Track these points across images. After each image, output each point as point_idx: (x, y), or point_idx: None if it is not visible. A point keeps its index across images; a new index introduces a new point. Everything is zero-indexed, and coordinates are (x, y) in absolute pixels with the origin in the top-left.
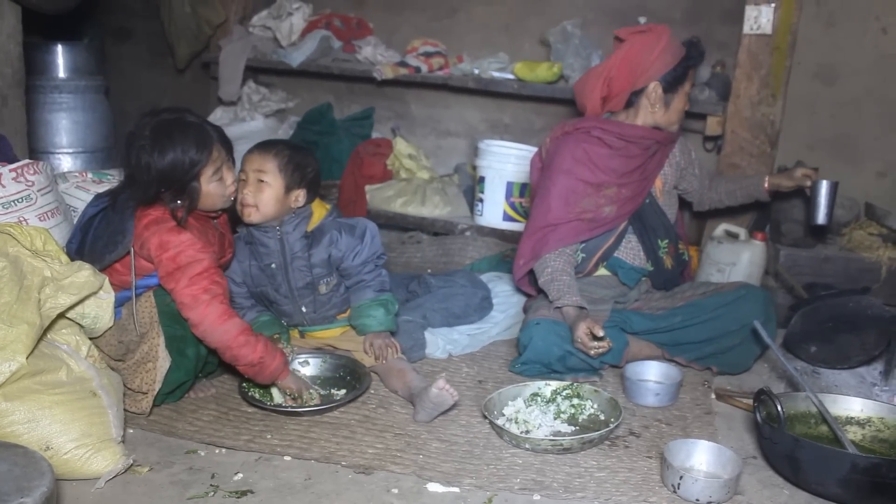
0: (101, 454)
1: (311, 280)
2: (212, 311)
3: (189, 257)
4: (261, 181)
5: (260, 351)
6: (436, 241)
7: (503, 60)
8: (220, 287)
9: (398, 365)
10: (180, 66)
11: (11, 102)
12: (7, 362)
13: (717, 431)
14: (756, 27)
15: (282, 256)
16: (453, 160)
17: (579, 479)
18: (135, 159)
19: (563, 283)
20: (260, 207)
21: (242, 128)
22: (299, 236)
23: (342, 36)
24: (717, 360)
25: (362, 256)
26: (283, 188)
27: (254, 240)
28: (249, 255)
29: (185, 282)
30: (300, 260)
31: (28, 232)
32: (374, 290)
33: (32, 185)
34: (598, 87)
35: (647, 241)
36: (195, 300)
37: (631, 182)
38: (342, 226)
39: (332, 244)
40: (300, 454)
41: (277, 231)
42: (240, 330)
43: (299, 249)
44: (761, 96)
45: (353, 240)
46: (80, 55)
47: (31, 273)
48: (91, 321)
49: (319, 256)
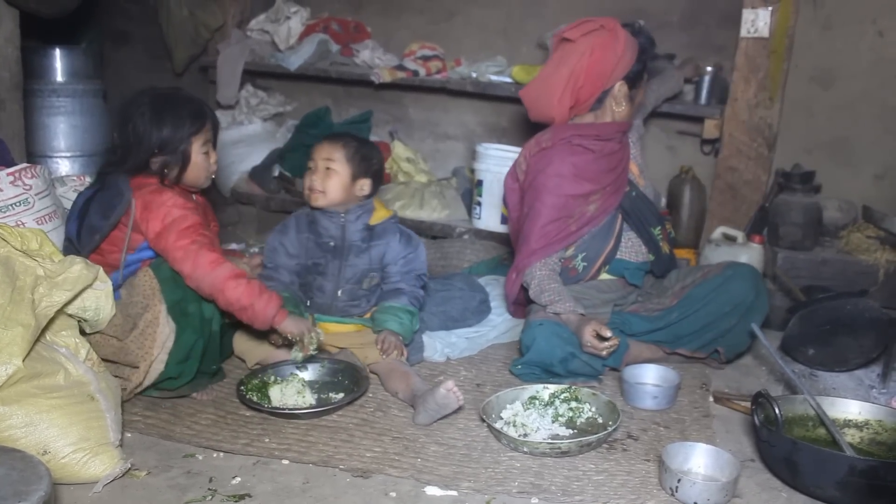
0: (98, 458)
1: (359, 271)
2: (202, 259)
3: (175, 215)
4: (329, 168)
5: (252, 294)
6: (434, 245)
7: (501, 64)
8: (207, 238)
9: (401, 367)
10: (178, 70)
11: (9, 106)
12: (3, 365)
13: (715, 434)
14: (753, 30)
15: (341, 241)
16: (451, 163)
17: (577, 483)
18: (132, 126)
19: (552, 290)
20: (327, 193)
21: (240, 131)
22: (360, 227)
23: (340, 40)
24: (718, 343)
25: (410, 266)
26: (350, 176)
27: (316, 220)
28: (308, 229)
29: (174, 236)
30: (357, 248)
31: (20, 233)
32: (409, 299)
33: (30, 189)
34: (566, 96)
35: (644, 233)
36: (186, 252)
37: (614, 179)
38: (402, 232)
39: (388, 244)
40: (298, 458)
41: (342, 217)
42: (231, 273)
43: (358, 239)
44: (759, 99)
45: (408, 248)
46: (78, 59)
47: (24, 273)
48: (93, 314)
49: (376, 251)
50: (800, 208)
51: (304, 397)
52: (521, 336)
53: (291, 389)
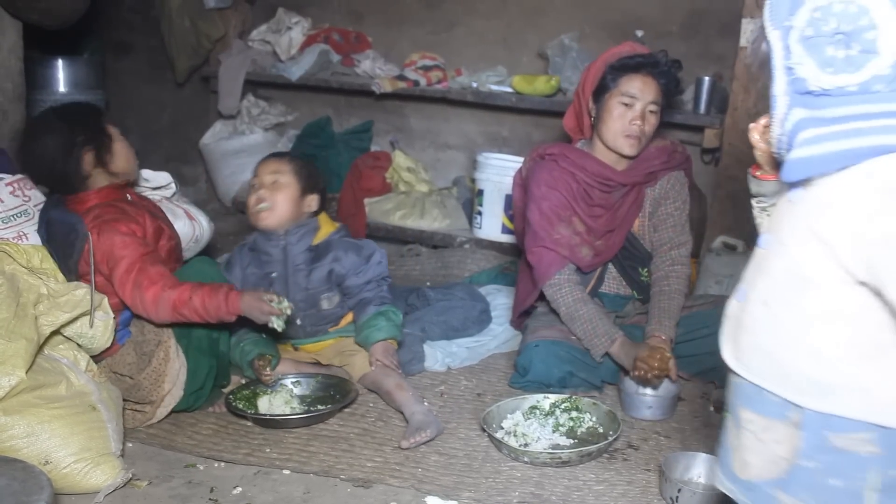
0: (100, 468)
1: (310, 294)
2: (145, 300)
3: (116, 256)
4: (276, 182)
5: (203, 310)
6: (434, 254)
7: (501, 74)
8: (145, 275)
9: (388, 382)
10: (180, 80)
11: (12, 117)
12: (7, 377)
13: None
14: (752, 40)
15: (283, 267)
16: (452, 173)
17: (577, 493)
18: (48, 145)
19: (583, 320)
20: (276, 208)
21: (242, 141)
22: (303, 248)
23: (341, 50)
24: (718, 373)
25: (366, 276)
26: (299, 190)
27: (257, 247)
28: (251, 262)
29: (118, 284)
30: (301, 272)
31: (25, 249)
32: (375, 305)
33: (29, 201)
34: (570, 114)
35: (627, 273)
36: (132, 299)
37: (598, 224)
38: (349, 244)
39: (336, 261)
40: (299, 468)
41: (282, 240)
42: (172, 303)
43: (302, 262)
44: (758, 109)
45: (359, 259)
46: (81, 70)
47: (27, 290)
48: (88, 341)
49: (321, 271)
50: None
51: (293, 408)
52: (518, 358)
53: (279, 400)
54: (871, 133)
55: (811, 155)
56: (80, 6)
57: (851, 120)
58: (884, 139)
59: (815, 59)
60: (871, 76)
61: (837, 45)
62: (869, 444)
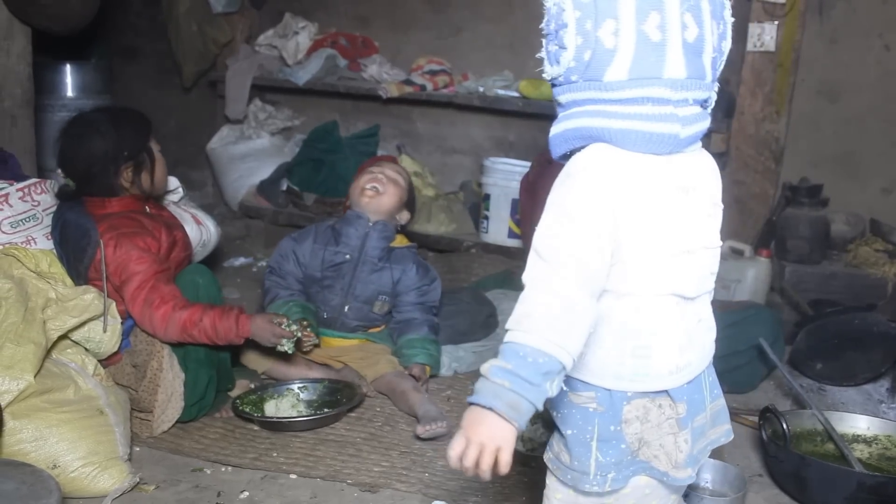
0: (107, 472)
1: (371, 290)
2: (154, 318)
3: (127, 273)
4: (395, 179)
5: (212, 331)
6: (441, 259)
7: (508, 78)
8: (157, 293)
9: (401, 385)
10: (187, 85)
11: (21, 122)
12: (16, 381)
13: (722, 449)
14: (759, 44)
15: (358, 253)
16: (458, 177)
17: None
18: (90, 147)
19: None
20: (385, 195)
21: (248, 146)
22: (380, 245)
23: (348, 54)
24: (723, 378)
25: (425, 297)
26: (405, 198)
27: (339, 229)
28: (327, 240)
29: (129, 299)
30: (370, 266)
31: (33, 254)
32: (430, 330)
33: (38, 205)
34: None
35: None
36: (141, 315)
37: None
38: (419, 263)
39: (404, 272)
40: (306, 472)
41: (367, 227)
42: (181, 324)
43: (375, 256)
44: (765, 113)
45: (423, 279)
46: (89, 74)
47: (36, 294)
48: (95, 345)
49: (387, 274)
50: (807, 222)
51: (299, 412)
52: None
53: (286, 404)
54: (574, 117)
55: (553, 134)
56: (88, 12)
57: (570, 106)
58: (585, 122)
59: (545, 52)
60: (566, 68)
61: (550, 40)
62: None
